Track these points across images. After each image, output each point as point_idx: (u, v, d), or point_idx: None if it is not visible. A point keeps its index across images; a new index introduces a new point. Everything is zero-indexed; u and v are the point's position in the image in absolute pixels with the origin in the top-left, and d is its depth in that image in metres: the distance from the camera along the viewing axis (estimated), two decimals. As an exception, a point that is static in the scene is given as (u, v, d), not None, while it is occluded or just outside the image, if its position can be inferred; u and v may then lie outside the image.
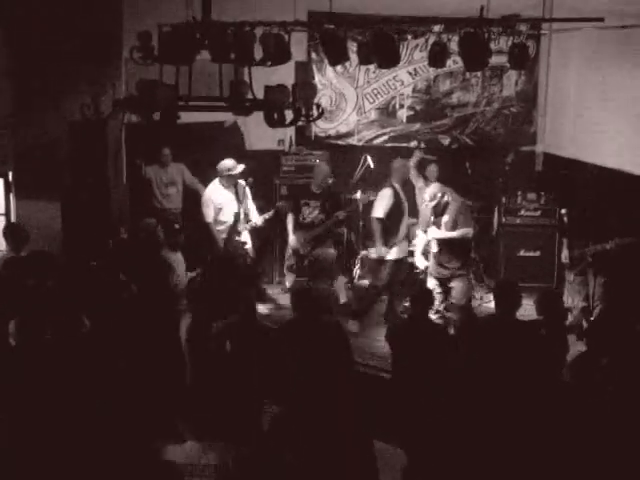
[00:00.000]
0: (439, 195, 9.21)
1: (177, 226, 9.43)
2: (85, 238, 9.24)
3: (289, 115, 6.14)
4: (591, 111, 10.70)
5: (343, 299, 10.57)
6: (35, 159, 9.93)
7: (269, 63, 7.25)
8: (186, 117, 7.43)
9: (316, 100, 8.42)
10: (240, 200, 10.15)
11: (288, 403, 7.16)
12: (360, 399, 6.90)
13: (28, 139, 9.93)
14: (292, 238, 10.53)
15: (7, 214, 10.24)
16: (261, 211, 10.45)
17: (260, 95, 6.18)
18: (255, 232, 10.49)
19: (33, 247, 8.69)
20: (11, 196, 10.24)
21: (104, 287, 7.50)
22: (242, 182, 10.25)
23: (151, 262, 8.51)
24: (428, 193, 9.35)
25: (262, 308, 9.95)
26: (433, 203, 9.23)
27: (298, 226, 10.53)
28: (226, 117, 10.64)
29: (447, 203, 9.20)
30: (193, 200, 11.20)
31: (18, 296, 7.36)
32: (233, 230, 10.08)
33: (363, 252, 11.01)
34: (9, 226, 9.05)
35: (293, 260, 10.63)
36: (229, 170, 10.10)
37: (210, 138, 11.31)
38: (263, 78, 6.96)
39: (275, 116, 5.95)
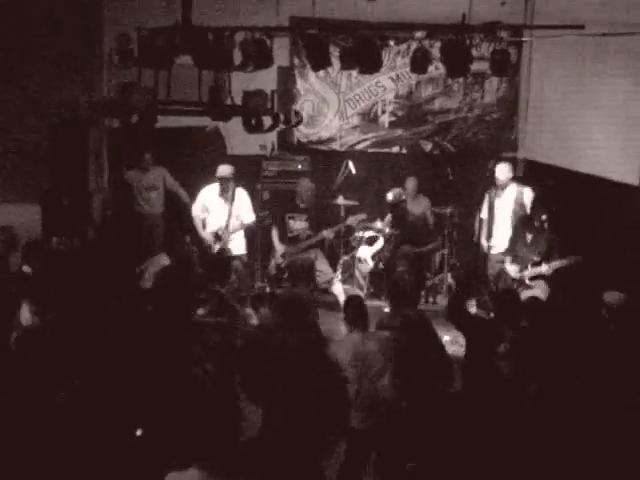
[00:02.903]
0: None
1: (188, 239, 9.42)
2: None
3: (267, 121, 6.15)
4: (572, 118, 10.73)
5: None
6: (15, 162, 9.90)
7: (250, 68, 7.25)
8: (168, 121, 7.43)
9: (296, 106, 8.44)
10: (230, 209, 10.16)
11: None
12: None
13: (7, 142, 9.89)
14: (277, 247, 10.60)
15: (-13, 217, 10.19)
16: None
17: (239, 100, 6.18)
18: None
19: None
20: (-9, 199, 10.20)
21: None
22: (241, 190, 10.30)
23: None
24: None
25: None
26: None
27: (285, 239, 10.57)
28: (207, 122, 10.61)
29: None
30: (174, 204, 11.22)
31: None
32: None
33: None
34: (1, 229, 8.95)
35: (274, 270, 10.65)
36: (215, 174, 10.17)
37: (192, 143, 11.30)
38: (245, 83, 6.96)
39: (253, 122, 5.95)
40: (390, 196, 10.46)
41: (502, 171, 10.48)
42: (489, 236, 10.43)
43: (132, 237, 10.54)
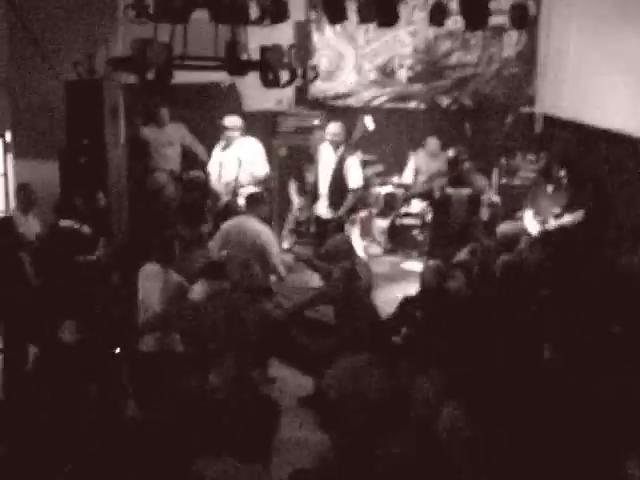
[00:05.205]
0: None
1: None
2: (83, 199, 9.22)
3: (284, 76, 6.11)
4: (591, 72, 10.61)
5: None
6: (32, 119, 9.92)
7: (266, 22, 7.17)
8: (184, 77, 7.38)
9: (313, 61, 8.35)
10: (239, 160, 10.15)
11: None
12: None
13: (25, 99, 9.90)
14: (295, 201, 10.63)
15: (5, 174, 10.23)
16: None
17: (256, 55, 6.14)
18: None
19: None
20: (9, 157, 10.22)
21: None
22: (254, 142, 10.27)
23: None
24: None
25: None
26: None
27: (302, 191, 10.58)
28: (224, 78, 10.57)
29: None
30: (191, 160, 11.21)
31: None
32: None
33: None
34: (21, 187, 9.05)
35: (293, 224, 10.67)
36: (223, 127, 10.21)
37: (208, 99, 11.27)
38: (261, 38, 6.90)
39: (270, 76, 5.91)
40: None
41: (333, 130, 9.97)
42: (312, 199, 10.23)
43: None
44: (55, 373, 6.37)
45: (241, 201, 10.02)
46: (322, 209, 9.96)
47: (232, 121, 10.21)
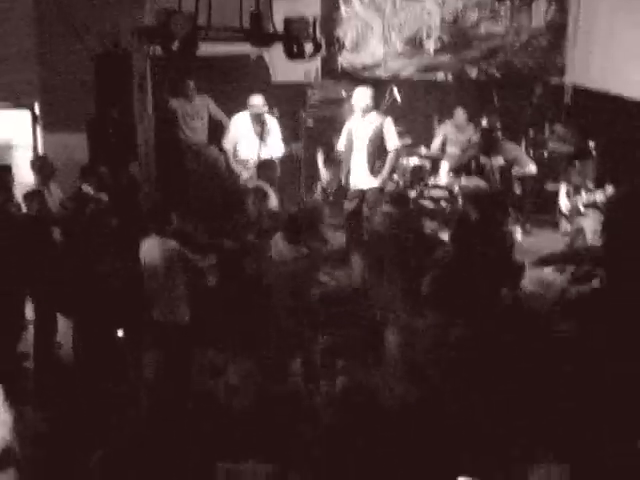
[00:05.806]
0: None
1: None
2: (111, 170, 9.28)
3: (309, 48, 6.10)
4: (621, 42, 10.50)
5: None
6: (61, 91, 9.96)
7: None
8: (212, 49, 7.39)
9: (340, 32, 8.29)
10: (263, 138, 10.15)
11: None
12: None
13: (53, 71, 9.94)
14: (323, 172, 10.61)
15: (34, 147, 10.31)
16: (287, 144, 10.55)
17: (281, 27, 6.13)
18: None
19: (59, 179, 8.83)
20: (38, 128, 10.30)
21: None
22: (271, 119, 10.25)
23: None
24: None
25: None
26: None
27: (329, 162, 10.57)
28: (252, 50, 10.56)
29: None
30: (219, 133, 11.23)
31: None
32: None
33: None
34: (37, 159, 9.10)
35: (320, 195, 10.69)
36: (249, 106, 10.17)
37: (236, 71, 11.25)
38: (288, 9, 6.88)
39: (295, 48, 5.91)
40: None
41: (362, 96, 9.66)
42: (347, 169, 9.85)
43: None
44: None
45: None
46: (359, 179, 9.80)
47: (256, 99, 10.17)
